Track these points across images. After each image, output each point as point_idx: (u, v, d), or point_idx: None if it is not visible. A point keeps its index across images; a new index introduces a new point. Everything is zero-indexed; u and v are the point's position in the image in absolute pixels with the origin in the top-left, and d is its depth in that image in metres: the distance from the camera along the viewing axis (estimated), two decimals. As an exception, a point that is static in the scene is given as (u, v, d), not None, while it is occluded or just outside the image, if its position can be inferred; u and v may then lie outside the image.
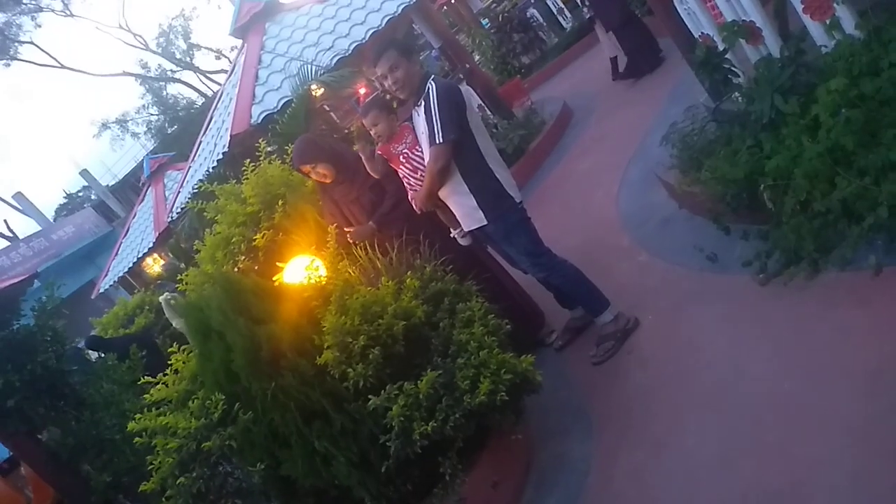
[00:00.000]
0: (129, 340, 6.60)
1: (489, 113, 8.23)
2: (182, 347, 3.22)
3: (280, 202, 4.29)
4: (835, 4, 3.19)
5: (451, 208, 3.71)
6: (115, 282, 12.90)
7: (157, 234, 11.50)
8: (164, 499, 2.94)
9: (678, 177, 4.19)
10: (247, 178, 4.44)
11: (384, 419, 2.73)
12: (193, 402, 2.95)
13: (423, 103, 3.48)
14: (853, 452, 2.15)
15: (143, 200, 13.90)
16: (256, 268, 4.13)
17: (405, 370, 2.92)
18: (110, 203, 28.40)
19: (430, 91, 3.43)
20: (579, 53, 12.21)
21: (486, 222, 3.58)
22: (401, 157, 3.80)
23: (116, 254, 13.56)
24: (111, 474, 4.78)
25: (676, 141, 4.24)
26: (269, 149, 6.62)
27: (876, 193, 2.68)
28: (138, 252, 12.23)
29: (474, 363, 2.85)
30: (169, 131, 29.66)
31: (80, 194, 32.88)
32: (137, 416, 3.04)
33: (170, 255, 12.62)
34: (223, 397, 2.89)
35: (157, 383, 3.13)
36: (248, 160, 4.68)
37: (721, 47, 3.71)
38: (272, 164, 4.60)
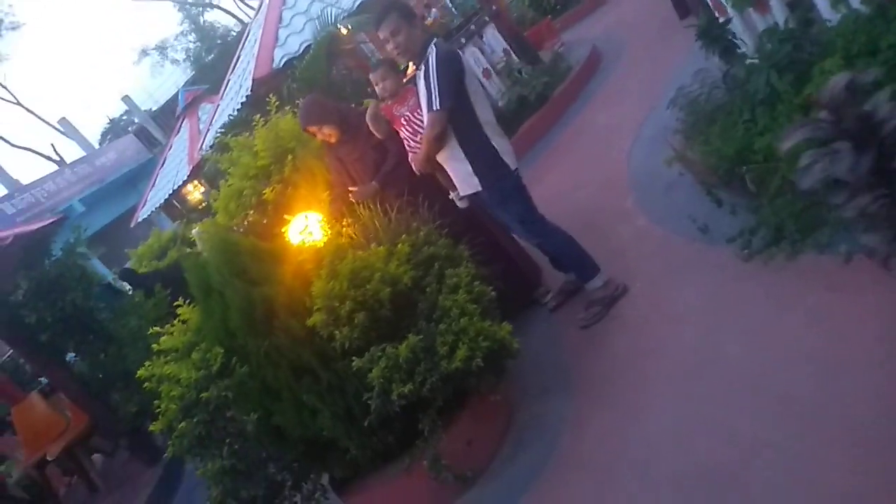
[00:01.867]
0: (158, 276, 6.92)
1: (514, 57, 8.11)
2: (188, 300, 3.43)
3: (289, 157, 4.43)
4: (841, -23, 3.10)
5: (449, 173, 3.80)
6: (153, 211, 13.33)
7: (191, 166, 11.79)
8: (172, 437, 3.22)
9: (682, 142, 4.18)
10: (258, 132, 4.58)
11: (367, 378, 2.92)
12: (196, 354, 3.18)
13: (423, 68, 3.53)
14: (800, 438, 2.26)
15: (178, 132, 14.21)
16: (265, 221, 4.31)
17: (391, 332, 3.09)
18: (151, 129, 28.84)
19: (430, 57, 3.47)
20: (615, -9, 11.81)
21: (480, 188, 3.67)
22: (402, 119, 3.89)
23: (154, 184, 13.97)
24: (136, 404, 5.16)
25: (684, 105, 4.21)
26: (294, 85, 6.74)
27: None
28: (174, 184, 12.58)
29: (454, 329, 3.00)
30: (207, 59, 29.72)
31: (124, 118, 33.48)
32: (147, 362, 3.30)
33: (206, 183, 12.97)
34: (222, 351, 3.12)
35: (163, 334, 3.37)
36: (273, 98, 4.81)
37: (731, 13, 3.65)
38: (283, 117, 4.71)
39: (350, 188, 4.10)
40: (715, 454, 2.43)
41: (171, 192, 12.52)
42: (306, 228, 3.59)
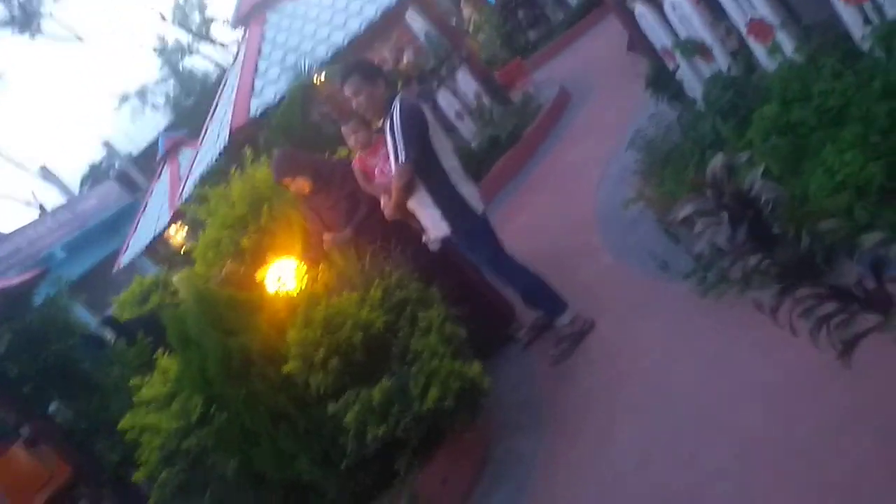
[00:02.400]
0: (140, 323, 6.98)
1: (485, 99, 8.37)
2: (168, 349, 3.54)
3: (265, 206, 4.58)
4: (775, 30, 3.33)
5: (419, 219, 3.97)
6: (134, 258, 13.36)
7: (172, 213, 11.88)
8: (154, 486, 3.30)
9: (641, 182, 4.38)
10: (235, 183, 4.73)
11: (343, 422, 3.03)
12: (176, 403, 3.28)
13: (388, 122, 3.72)
14: (745, 464, 2.40)
15: (159, 177, 14.31)
16: (243, 269, 4.44)
17: (365, 375, 3.21)
18: (132, 174, 28.93)
19: (395, 112, 3.66)
20: (586, 29, 12.19)
21: (450, 232, 3.84)
22: (376, 170, 4.07)
23: (136, 230, 14.02)
24: (120, 453, 5.19)
25: (641, 146, 4.42)
26: (270, 135, 6.91)
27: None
28: (155, 230, 12.64)
29: (426, 371, 3.12)
30: (186, 103, 30.00)
31: (104, 164, 33.56)
32: (128, 413, 3.39)
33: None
34: (201, 400, 3.22)
35: (142, 387, 3.46)
36: (249, 150, 4.97)
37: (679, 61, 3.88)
38: (259, 168, 4.87)
39: (325, 235, 4.25)
40: (675, 482, 2.57)
41: (152, 238, 12.58)
42: (281, 276, 3.73)
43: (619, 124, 6.67)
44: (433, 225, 3.90)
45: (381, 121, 3.81)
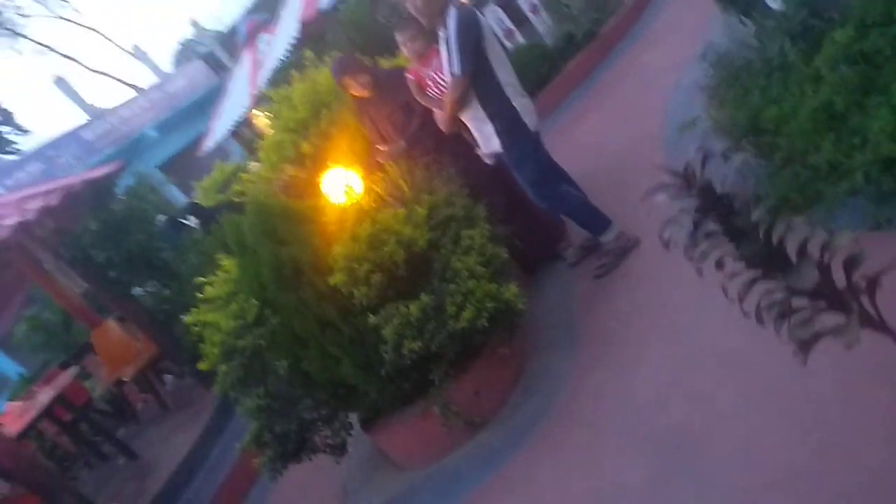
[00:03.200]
0: (218, 211, 7.38)
1: (563, -10, 7.94)
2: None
3: (325, 111, 4.65)
4: (865, -60, 3.00)
5: (472, 132, 3.96)
6: (216, 143, 13.84)
7: (251, 100, 12.12)
8: (217, 377, 3.64)
9: (708, 99, 4.16)
10: (296, 85, 4.80)
11: (383, 333, 3.22)
12: (234, 304, 3.55)
13: (443, 32, 3.66)
14: (763, 409, 2.44)
15: (240, 62, 14.49)
16: (302, 175, 4.59)
17: (407, 290, 3.36)
18: (219, 54, 29.30)
19: (450, 22, 3.60)
20: None
21: (500, 149, 3.84)
22: (428, 80, 4.04)
23: (218, 115, 14.43)
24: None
25: (713, 61, 4.17)
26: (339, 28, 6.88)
27: (852, 159, 2.72)
28: (236, 115, 12.98)
29: (463, 290, 3.24)
30: (271, -18, 29.64)
31: (193, 43, 34.06)
32: (193, 310, 3.70)
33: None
34: (256, 303, 3.47)
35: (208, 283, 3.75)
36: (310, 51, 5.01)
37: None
38: (321, 70, 4.91)
39: (379, 146, 4.31)
40: (688, 420, 2.64)
41: (233, 123, 12.93)
42: (338, 186, 3.84)
43: (702, 27, 6.26)
44: (485, 140, 3.91)
45: (437, 27, 3.75)
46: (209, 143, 13.93)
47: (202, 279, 3.76)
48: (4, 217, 4.87)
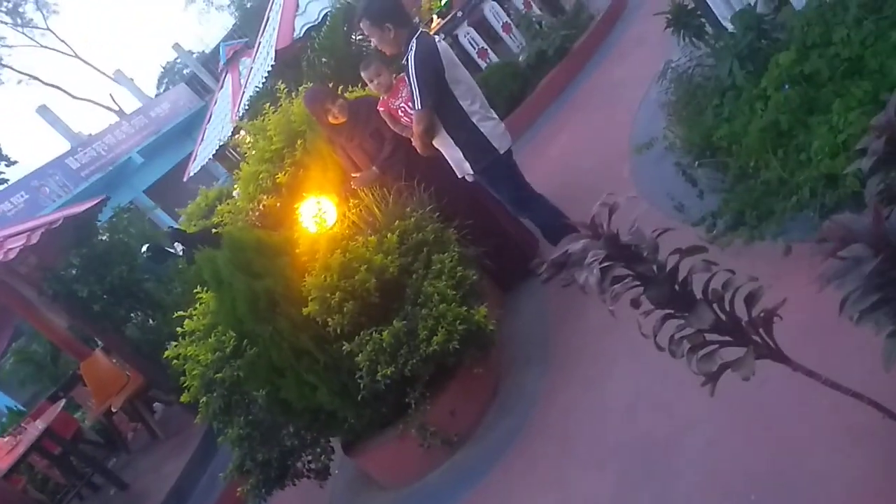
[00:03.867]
0: (201, 237, 7.45)
1: (536, 9, 8.10)
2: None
3: (300, 141, 4.75)
4: (803, -36, 3.14)
5: (445, 157, 4.07)
6: (200, 167, 13.94)
7: (234, 124, 12.24)
8: (199, 408, 3.72)
9: (669, 116, 4.29)
10: (270, 117, 4.90)
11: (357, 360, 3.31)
12: (213, 337, 3.63)
13: (405, 64, 3.77)
14: (728, 423, 2.53)
15: (222, 87, 14.65)
16: (279, 205, 4.68)
17: (381, 316, 3.45)
18: (202, 76, 29.44)
19: (409, 55, 3.70)
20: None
21: (472, 172, 3.94)
22: (399, 111, 4.15)
23: (202, 139, 14.55)
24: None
25: (673, 78, 4.30)
26: (313, 55, 6.98)
27: (798, 176, 2.84)
28: (219, 140, 13.10)
29: (434, 314, 3.33)
30: (248, 4, 29.89)
31: (176, 66, 34.24)
32: (174, 343, 3.78)
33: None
34: (234, 335, 3.55)
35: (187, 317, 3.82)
36: (282, 85, 5.12)
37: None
38: (295, 102, 5.01)
39: (352, 174, 4.41)
40: (654, 429, 2.74)
41: (217, 148, 13.05)
42: (314, 214, 3.93)
43: (668, 39, 6.40)
44: (457, 165, 4.02)
45: (401, 58, 3.86)
46: (194, 168, 14.02)
47: (181, 313, 3.83)
48: (-14, 256, 4.94)
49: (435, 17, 8.59)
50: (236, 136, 13.47)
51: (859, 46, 2.77)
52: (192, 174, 14.34)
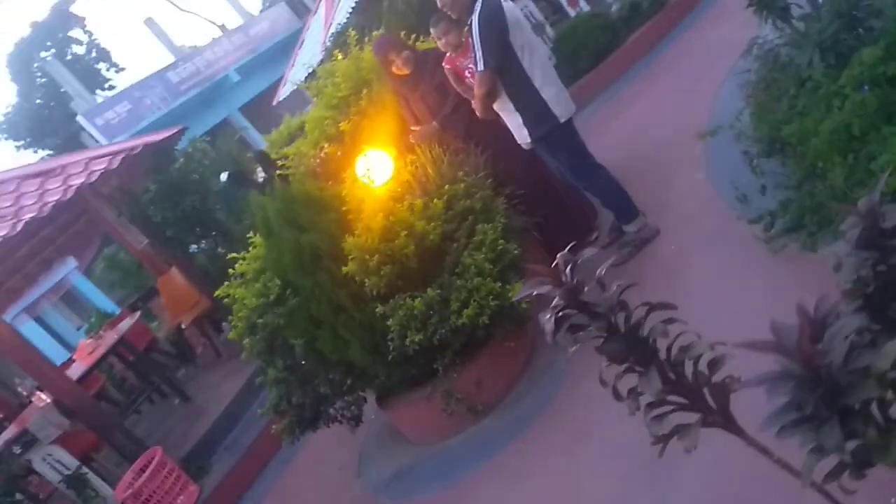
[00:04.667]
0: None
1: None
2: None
3: (365, 90, 4.74)
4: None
5: (505, 121, 4.00)
6: (289, 93, 14.12)
7: (322, 53, 12.28)
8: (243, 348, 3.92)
9: (748, 97, 4.02)
10: (339, 63, 4.90)
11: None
12: (260, 281, 3.78)
13: (470, 24, 3.68)
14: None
15: (315, 12, 14.65)
16: (339, 153, 4.73)
17: (418, 281, 3.49)
18: (303, -3, 29.49)
19: (475, 14, 3.61)
20: None
21: (530, 140, 3.87)
22: (466, 70, 4.08)
23: (293, 64, 14.69)
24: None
25: (759, 55, 4.01)
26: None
27: (865, 187, 2.63)
28: (309, 66, 13.17)
29: (469, 287, 3.34)
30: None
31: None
32: (226, 283, 3.97)
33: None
34: (279, 283, 3.68)
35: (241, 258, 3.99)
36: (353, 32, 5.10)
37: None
38: (364, 50, 4.98)
39: (412, 127, 4.39)
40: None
41: (306, 75, 13.14)
42: (370, 168, 3.96)
43: None
44: (516, 130, 3.95)
45: (466, 20, 3.77)
46: (283, 93, 14.24)
47: (234, 255, 3.99)
48: (73, 176, 5.27)
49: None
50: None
51: (954, 52, 2.49)
52: (281, 99, 14.58)
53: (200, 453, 5.51)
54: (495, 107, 3.94)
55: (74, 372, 6.55)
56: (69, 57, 28.23)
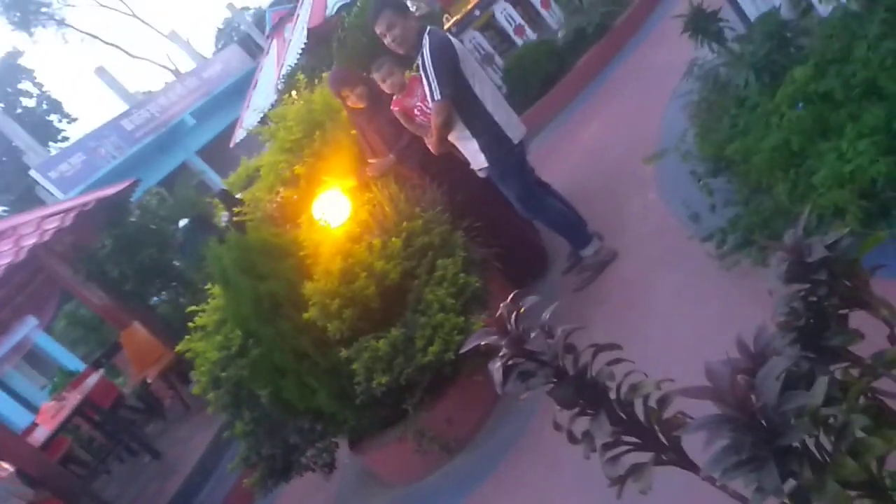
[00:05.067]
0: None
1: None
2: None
3: (318, 132, 4.75)
4: (829, -32, 2.94)
5: (461, 150, 4.03)
6: (245, 135, 14.09)
7: (276, 95, 12.30)
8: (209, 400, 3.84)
9: (691, 117, 4.12)
10: (289, 107, 4.90)
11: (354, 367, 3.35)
12: (221, 333, 3.72)
13: (419, 59, 3.72)
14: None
15: (267, 53, 14.70)
16: (295, 197, 4.71)
17: (381, 321, 3.48)
18: (255, 36, 29.58)
19: (424, 48, 3.65)
20: None
21: (486, 164, 3.90)
22: (415, 109, 4.11)
23: (248, 105, 14.68)
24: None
25: (699, 76, 4.12)
26: (344, 35, 6.94)
27: (807, 201, 2.70)
28: (263, 109, 13.19)
29: (432, 323, 3.34)
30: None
31: (229, 27, 34.48)
32: (186, 337, 3.90)
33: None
34: (240, 334, 3.63)
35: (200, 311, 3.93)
36: (302, 77, 5.11)
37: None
38: (315, 92, 5.00)
39: (369, 160, 4.39)
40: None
41: (261, 117, 13.15)
42: (326, 213, 3.94)
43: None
44: (472, 156, 3.97)
45: (413, 55, 3.81)
46: (239, 136, 14.20)
47: (194, 308, 3.93)
48: (25, 236, 5.16)
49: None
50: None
51: (878, 67, 2.59)
52: (237, 141, 14.53)
53: (174, 511, 5.36)
54: (450, 137, 3.97)
55: (38, 436, 6.35)
56: (20, 110, 27.88)
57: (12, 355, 17.49)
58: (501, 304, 1.41)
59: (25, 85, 28.58)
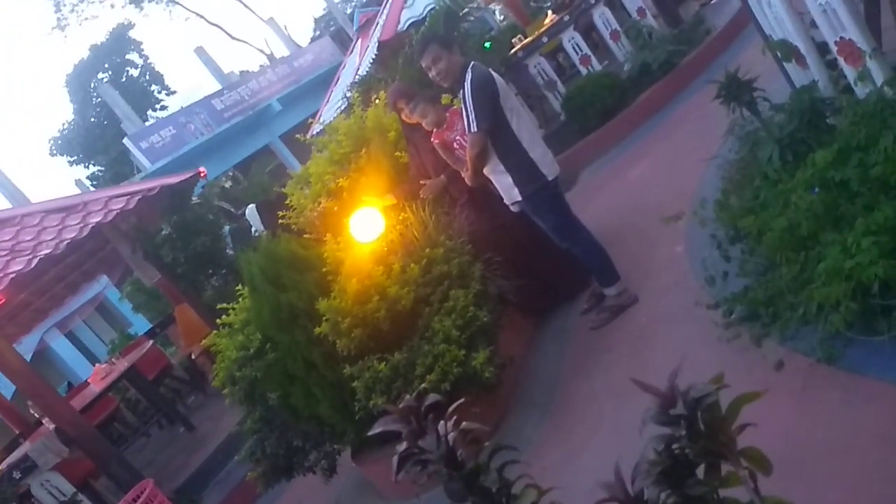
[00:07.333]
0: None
1: (651, 18, 7.78)
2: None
3: (365, 148, 4.94)
4: (866, 57, 2.90)
5: (494, 184, 4.14)
6: (322, 129, 14.54)
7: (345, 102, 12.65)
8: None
9: (724, 179, 4.09)
10: (342, 123, 5.12)
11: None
12: (243, 334, 3.96)
13: (461, 92, 3.85)
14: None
15: (351, 52, 15.11)
16: (336, 209, 4.91)
17: (390, 343, 3.64)
18: (349, 30, 30.30)
19: (466, 82, 3.78)
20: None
21: (520, 198, 3.99)
22: (454, 143, 4.24)
23: (328, 101, 15.13)
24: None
25: (740, 135, 4.08)
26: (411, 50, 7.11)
27: (811, 288, 2.69)
28: (339, 106, 13.58)
29: (434, 352, 3.47)
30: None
31: (325, 19, 35.47)
32: (214, 332, 4.16)
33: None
34: (260, 337, 3.86)
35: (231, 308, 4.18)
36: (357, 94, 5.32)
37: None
38: (370, 109, 5.19)
39: (421, 181, 4.52)
40: None
41: (336, 115, 13.54)
42: (357, 229, 4.12)
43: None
44: (506, 191, 4.07)
45: (455, 89, 3.94)
46: (315, 128, 14.64)
47: (224, 305, 4.19)
48: (92, 213, 5.58)
49: (549, 13, 8.46)
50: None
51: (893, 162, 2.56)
52: (313, 134, 14.99)
53: (194, 486, 5.68)
54: (485, 170, 4.08)
55: (88, 395, 6.84)
56: (124, 79, 29.50)
57: (84, 309, 18.69)
58: (406, 398, 1.53)
59: (132, 56, 30.17)
